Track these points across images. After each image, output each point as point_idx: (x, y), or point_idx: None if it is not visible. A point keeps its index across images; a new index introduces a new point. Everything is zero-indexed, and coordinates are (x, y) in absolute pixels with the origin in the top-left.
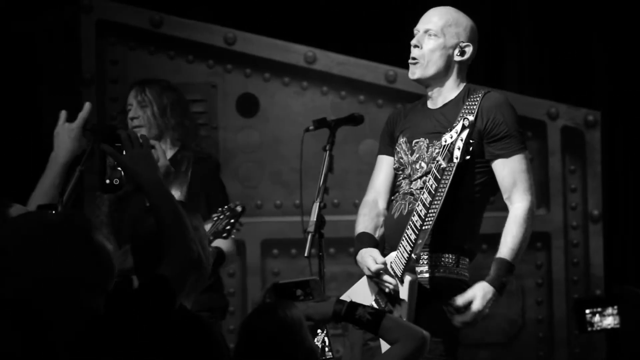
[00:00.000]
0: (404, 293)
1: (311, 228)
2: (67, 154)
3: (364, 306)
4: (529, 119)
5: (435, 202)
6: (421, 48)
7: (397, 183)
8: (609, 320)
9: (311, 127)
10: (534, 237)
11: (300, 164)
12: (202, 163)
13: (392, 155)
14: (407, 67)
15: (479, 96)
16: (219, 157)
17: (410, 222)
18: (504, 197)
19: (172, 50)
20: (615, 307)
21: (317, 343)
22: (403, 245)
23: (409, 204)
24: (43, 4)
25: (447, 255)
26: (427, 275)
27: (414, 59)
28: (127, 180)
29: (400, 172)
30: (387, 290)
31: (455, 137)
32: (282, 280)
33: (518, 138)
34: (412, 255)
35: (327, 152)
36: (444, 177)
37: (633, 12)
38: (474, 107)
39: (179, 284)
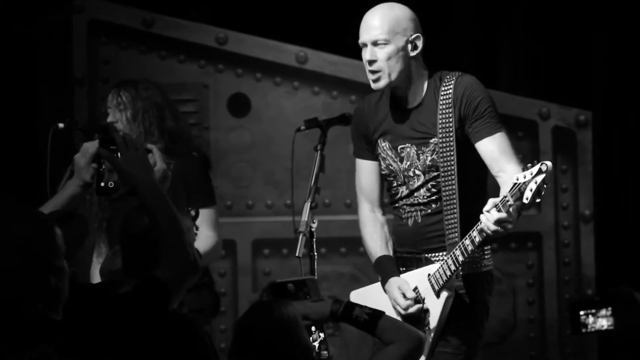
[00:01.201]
0: (438, 306)
1: (302, 228)
2: (82, 185)
3: (361, 306)
4: (521, 118)
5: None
6: (377, 61)
7: (393, 191)
8: (602, 321)
9: (302, 127)
10: (525, 237)
11: (291, 163)
12: (185, 161)
13: (372, 159)
14: None
15: (451, 85)
16: (210, 157)
17: (462, 244)
18: (494, 170)
19: (163, 50)
20: (610, 308)
21: (313, 342)
22: (447, 264)
23: (421, 212)
24: (42, 5)
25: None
26: (455, 274)
27: (373, 72)
28: (122, 183)
29: (392, 179)
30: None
31: (530, 178)
32: (279, 279)
33: (496, 117)
34: (454, 274)
35: (319, 152)
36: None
37: (629, 10)
38: (449, 99)
39: (177, 286)
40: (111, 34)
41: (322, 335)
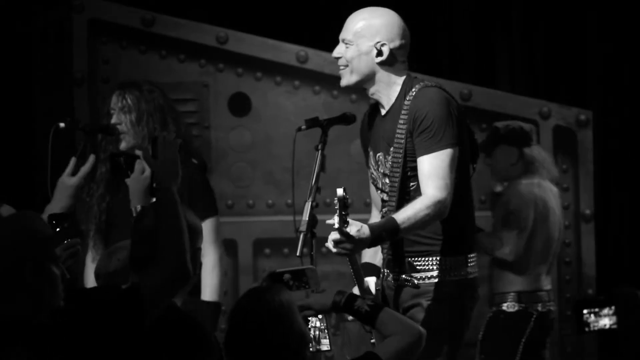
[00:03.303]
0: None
1: (303, 227)
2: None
3: (363, 298)
4: (521, 118)
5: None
6: (341, 57)
7: (380, 197)
8: (605, 320)
9: (303, 127)
10: None
11: (292, 163)
12: (186, 168)
13: None
14: None
15: (412, 96)
16: (211, 157)
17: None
18: (421, 190)
19: (163, 50)
20: (612, 307)
21: (311, 332)
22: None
23: (385, 215)
24: (38, 4)
25: (456, 257)
26: (436, 280)
27: (340, 67)
28: (157, 184)
29: (376, 187)
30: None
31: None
32: (279, 269)
33: (441, 134)
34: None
35: (319, 151)
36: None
37: (627, 9)
38: (407, 110)
39: (161, 294)
40: (111, 33)
41: (323, 326)
